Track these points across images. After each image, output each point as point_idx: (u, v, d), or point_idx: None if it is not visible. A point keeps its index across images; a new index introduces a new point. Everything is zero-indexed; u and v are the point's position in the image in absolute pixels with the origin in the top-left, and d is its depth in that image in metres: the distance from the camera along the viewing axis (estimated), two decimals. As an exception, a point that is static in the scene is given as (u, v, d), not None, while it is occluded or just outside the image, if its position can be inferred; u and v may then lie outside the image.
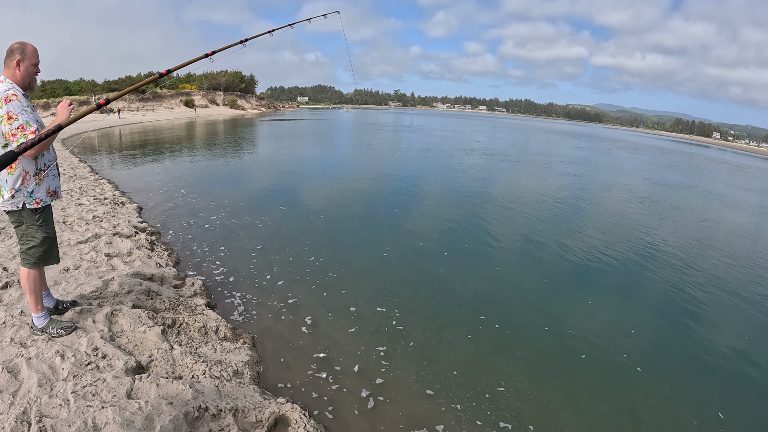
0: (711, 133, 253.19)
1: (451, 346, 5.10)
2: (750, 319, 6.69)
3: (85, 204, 9.11)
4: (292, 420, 3.46)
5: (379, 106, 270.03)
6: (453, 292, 6.53)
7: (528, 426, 3.93)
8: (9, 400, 3.00)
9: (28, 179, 3.45)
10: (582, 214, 12.95)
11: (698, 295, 7.33)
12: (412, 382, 4.39)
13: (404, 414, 3.94)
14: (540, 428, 3.92)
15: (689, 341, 5.85)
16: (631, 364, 5.10)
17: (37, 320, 3.83)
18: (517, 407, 4.15)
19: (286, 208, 10.97)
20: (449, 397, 4.21)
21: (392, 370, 4.55)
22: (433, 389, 4.30)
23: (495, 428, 3.87)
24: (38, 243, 3.63)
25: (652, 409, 4.34)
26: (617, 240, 10.17)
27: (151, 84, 3.04)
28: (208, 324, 4.71)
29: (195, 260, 7.01)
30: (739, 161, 57.81)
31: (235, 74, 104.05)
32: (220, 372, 3.87)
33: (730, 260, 9.56)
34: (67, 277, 5.23)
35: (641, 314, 6.54)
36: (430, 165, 21.23)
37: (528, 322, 5.90)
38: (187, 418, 3.13)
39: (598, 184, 19.20)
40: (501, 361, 4.91)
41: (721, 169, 39.59)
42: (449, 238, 9.42)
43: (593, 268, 8.18)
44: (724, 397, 4.67)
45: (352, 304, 5.91)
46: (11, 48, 3.38)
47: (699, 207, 16.33)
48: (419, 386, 4.33)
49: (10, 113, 3.24)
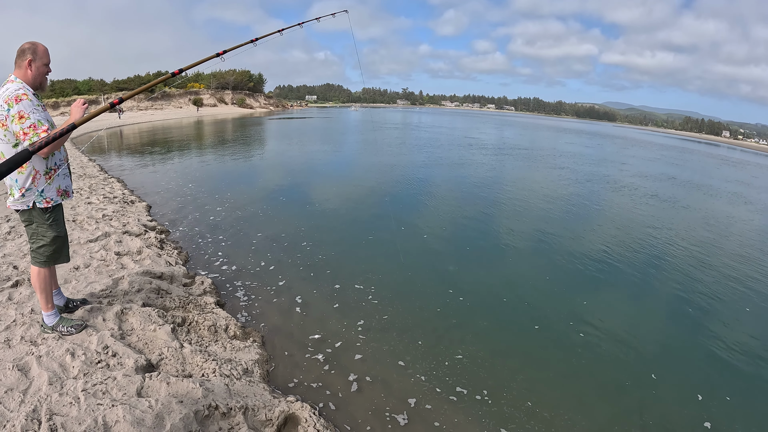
0: (721, 131, 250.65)
1: (461, 345, 5.05)
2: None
3: (94, 203, 9.16)
4: (302, 418, 3.43)
5: (388, 105, 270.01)
6: (464, 291, 6.47)
7: (543, 425, 3.89)
8: (19, 398, 3.00)
9: (38, 178, 3.45)
10: (599, 213, 12.85)
11: (714, 292, 7.25)
12: (423, 379, 4.36)
13: (416, 413, 3.90)
14: (550, 427, 3.88)
15: (704, 339, 5.77)
16: (643, 363, 5.04)
17: (48, 318, 3.83)
18: (530, 407, 4.11)
19: (296, 207, 10.98)
20: (463, 399, 4.17)
21: (404, 367, 4.52)
22: (450, 388, 4.27)
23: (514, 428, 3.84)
24: (48, 242, 3.63)
25: (663, 409, 4.28)
26: (638, 238, 10.09)
27: (160, 84, 3.02)
28: (217, 322, 4.71)
29: (204, 258, 7.02)
30: (760, 161, 56.98)
31: (244, 73, 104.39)
32: (230, 370, 3.86)
33: (753, 258, 9.46)
34: (77, 275, 5.24)
35: (654, 312, 6.48)
36: (441, 171, 21.13)
37: (538, 319, 5.84)
38: (198, 416, 3.12)
39: (621, 184, 19.05)
40: (520, 362, 4.88)
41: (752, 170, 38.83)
42: (461, 236, 9.38)
43: (608, 265, 8.09)
44: (739, 398, 4.59)
45: (362, 303, 5.89)
46: (22, 48, 3.38)
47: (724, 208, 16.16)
48: (431, 383, 4.30)
49: (21, 112, 3.24)
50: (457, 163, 21.82)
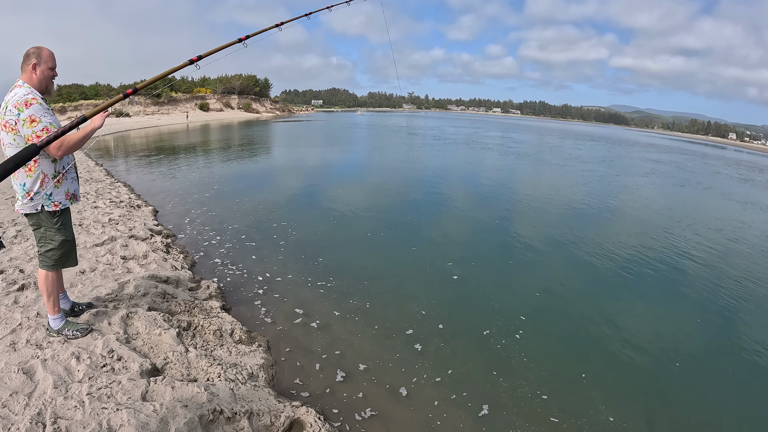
0: (727, 133, 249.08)
1: (472, 351, 5.03)
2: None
3: (101, 207, 9.20)
4: (307, 424, 3.41)
5: (393, 109, 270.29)
6: (477, 299, 6.42)
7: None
8: (24, 401, 3.00)
9: (46, 182, 3.46)
10: (624, 220, 12.78)
11: (741, 296, 7.22)
12: (430, 386, 4.33)
13: (424, 419, 3.88)
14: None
15: (730, 346, 5.70)
16: (668, 372, 4.97)
17: (54, 322, 3.84)
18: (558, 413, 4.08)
19: (301, 210, 10.98)
20: (472, 402, 4.13)
21: (411, 375, 4.48)
22: (456, 395, 4.23)
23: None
24: (56, 245, 3.64)
25: (692, 417, 4.24)
26: (664, 244, 10.02)
27: (165, 89, 3.02)
28: (223, 327, 4.70)
29: (210, 263, 7.02)
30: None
31: (250, 78, 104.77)
32: (235, 375, 3.85)
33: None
34: (83, 279, 5.26)
35: (679, 318, 6.40)
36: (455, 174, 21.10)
37: (564, 326, 5.82)
38: (202, 421, 3.10)
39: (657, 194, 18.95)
40: (538, 366, 4.83)
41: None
42: (480, 243, 9.30)
43: (636, 273, 8.01)
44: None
45: (368, 308, 5.86)
46: (27, 53, 3.40)
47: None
48: (438, 391, 4.26)
49: (33, 116, 3.26)
50: (492, 167, 21.79)
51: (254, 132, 45.34)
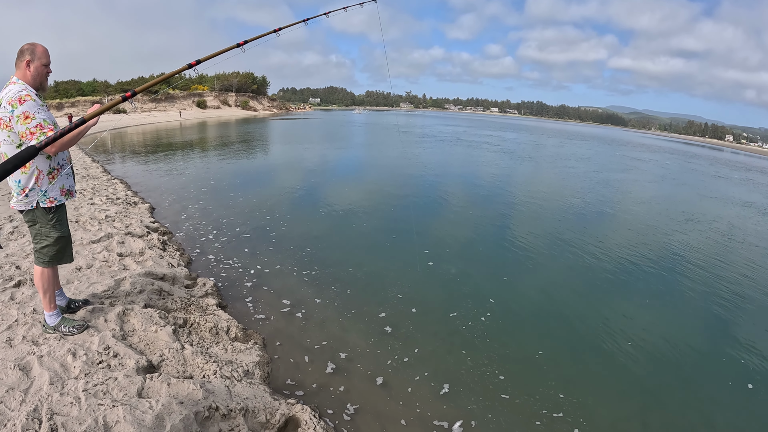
0: (724, 135, 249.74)
1: (466, 348, 5.06)
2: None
3: (97, 203, 9.18)
4: (303, 421, 3.43)
5: (391, 108, 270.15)
6: (474, 297, 6.46)
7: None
8: (20, 398, 3.01)
9: (41, 178, 3.46)
10: (626, 221, 12.83)
11: (739, 298, 7.28)
12: (424, 383, 4.36)
13: (417, 416, 3.90)
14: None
15: (729, 350, 5.70)
16: (664, 373, 5.01)
17: (50, 318, 3.84)
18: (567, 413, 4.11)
19: (297, 208, 11.01)
20: (466, 400, 4.16)
21: (405, 372, 4.52)
22: (447, 390, 4.28)
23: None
24: (52, 242, 3.64)
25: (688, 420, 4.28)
26: (662, 245, 10.05)
27: (163, 86, 3.01)
28: (219, 324, 4.71)
29: (206, 260, 7.03)
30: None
31: (247, 75, 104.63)
32: (231, 372, 3.86)
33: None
34: (80, 276, 5.25)
35: (677, 321, 6.42)
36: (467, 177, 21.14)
37: (560, 327, 5.86)
38: (198, 417, 3.12)
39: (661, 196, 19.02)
40: (534, 365, 4.86)
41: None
42: (474, 243, 9.33)
43: (630, 273, 8.06)
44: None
45: (364, 306, 5.89)
46: (21, 49, 3.40)
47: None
48: (431, 387, 4.30)
49: (27, 113, 3.26)
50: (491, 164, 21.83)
51: (251, 129, 45.30)
